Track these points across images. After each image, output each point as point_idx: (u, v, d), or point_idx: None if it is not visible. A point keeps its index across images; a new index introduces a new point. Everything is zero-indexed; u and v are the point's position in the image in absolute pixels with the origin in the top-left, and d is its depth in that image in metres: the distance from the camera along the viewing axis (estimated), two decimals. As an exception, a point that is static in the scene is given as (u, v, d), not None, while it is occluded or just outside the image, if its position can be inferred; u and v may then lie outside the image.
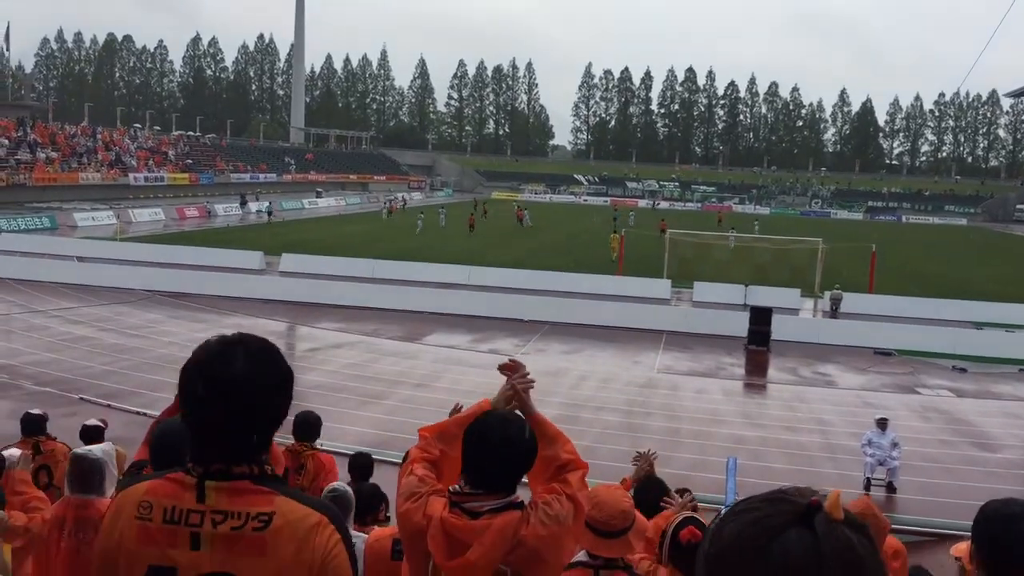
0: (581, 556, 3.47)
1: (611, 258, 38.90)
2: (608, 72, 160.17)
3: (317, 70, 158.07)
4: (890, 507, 12.08)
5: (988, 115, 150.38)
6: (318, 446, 7.59)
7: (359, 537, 4.70)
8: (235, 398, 1.94)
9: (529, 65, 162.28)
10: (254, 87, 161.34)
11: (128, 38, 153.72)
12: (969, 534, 2.73)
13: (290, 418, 3.54)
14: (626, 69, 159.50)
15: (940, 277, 40.48)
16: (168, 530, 1.94)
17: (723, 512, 1.21)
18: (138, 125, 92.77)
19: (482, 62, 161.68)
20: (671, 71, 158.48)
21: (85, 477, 4.73)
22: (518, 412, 2.96)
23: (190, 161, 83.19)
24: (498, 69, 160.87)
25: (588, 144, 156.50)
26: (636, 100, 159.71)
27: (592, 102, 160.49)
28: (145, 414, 13.07)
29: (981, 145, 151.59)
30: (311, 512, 2.00)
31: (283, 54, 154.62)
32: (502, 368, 3.07)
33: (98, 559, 2.04)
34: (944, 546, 9.28)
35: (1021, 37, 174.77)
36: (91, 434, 7.78)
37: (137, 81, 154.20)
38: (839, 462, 14.16)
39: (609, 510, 3.42)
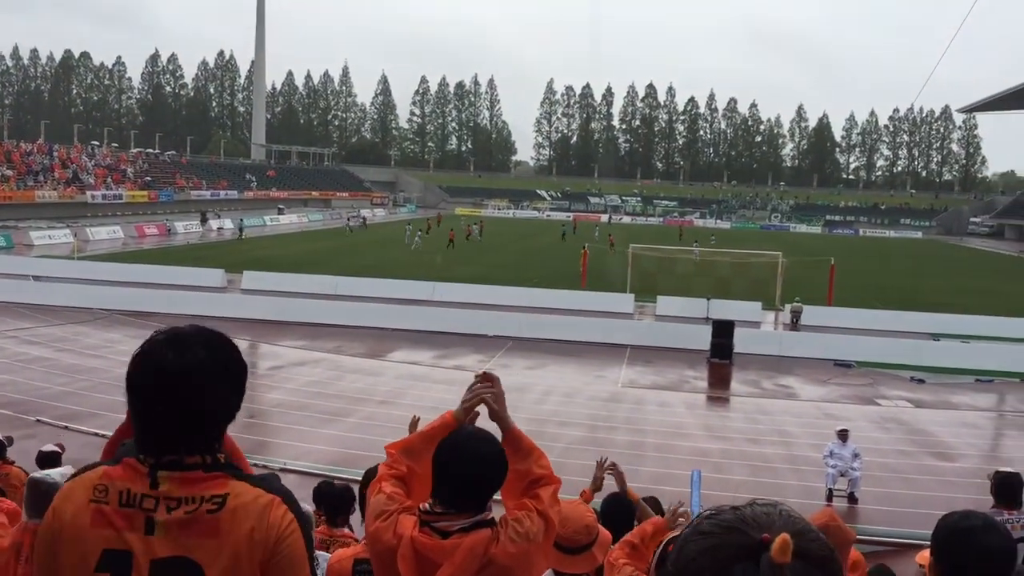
0: (547, 575, 3.45)
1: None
2: (570, 88, 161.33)
3: (278, 86, 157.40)
4: (851, 517, 12.21)
5: (941, 130, 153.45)
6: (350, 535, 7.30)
7: (323, 557, 4.66)
8: (185, 389, 1.91)
9: (491, 81, 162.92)
10: (214, 104, 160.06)
11: (85, 55, 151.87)
12: (929, 543, 2.78)
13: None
14: (587, 85, 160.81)
15: (897, 290, 41.14)
16: (124, 513, 1.91)
17: (692, 523, 1.21)
18: (96, 142, 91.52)
19: (444, 78, 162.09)
20: (632, 87, 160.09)
21: (43, 502, 4.63)
22: (494, 424, 2.95)
23: (149, 178, 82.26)
24: (460, 85, 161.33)
25: (551, 160, 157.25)
26: (598, 116, 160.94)
27: (554, 118, 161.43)
28: (104, 435, 12.85)
29: (935, 160, 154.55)
30: (263, 493, 1.98)
31: (244, 70, 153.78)
32: (477, 377, 3.05)
33: (43, 545, 1.96)
34: (904, 555, 9.39)
35: (973, 54, 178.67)
36: (48, 460, 7.65)
37: (95, 98, 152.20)
38: (801, 473, 14.30)
39: (573, 526, 3.40)
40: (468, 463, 2.65)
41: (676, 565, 1.15)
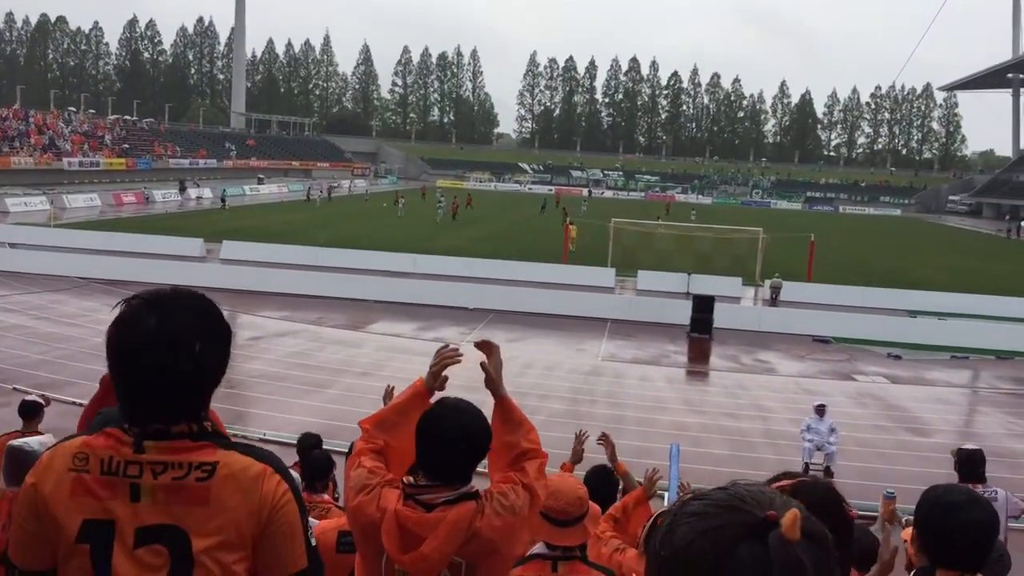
0: (538, 548, 3.46)
1: (572, 248, 38.45)
2: (553, 61, 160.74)
3: (258, 54, 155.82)
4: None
5: (922, 108, 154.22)
6: (329, 501, 7.30)
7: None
8: (168, 355, 1.85)
9: (474, 53, 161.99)
10: (193, 71, 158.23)
11: (62, 19, 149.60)
12: (908, 518, 2.80)
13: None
14: (571, 58, 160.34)
15: (876, 267, 41.45)
16: (106, 481, 1.86)
17: (676, 506, 1.18)
18: (72, 108, 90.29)
19: (427, 49, 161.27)
20: (615, 60, 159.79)
21: (21, 469, 4.60)
22: (473, 395, 2.94)
23: (127, 146, 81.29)
24: (443, 56, 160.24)
25: (533, 133, 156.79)
26: (581, 89, 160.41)
27: (537, 91, 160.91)
28: (81, 404, 12.76)
29: (915, 137, 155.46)
30: (254, 462, 1.94)
31: (223, 38, 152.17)
32: (478, 344, 3.03)
33: (22, 516, 1.91)
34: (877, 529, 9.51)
35: (954, 33, 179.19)
36: (30, 409, 7.60)
37: (71, 63, 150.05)
38: (779, 448, 14.43)
39: (565, 498, 3.41)
40: (452, 435, 2.63)
41: (669, 548, 1.10)
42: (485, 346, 2.98)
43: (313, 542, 2.02)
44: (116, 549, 1.85)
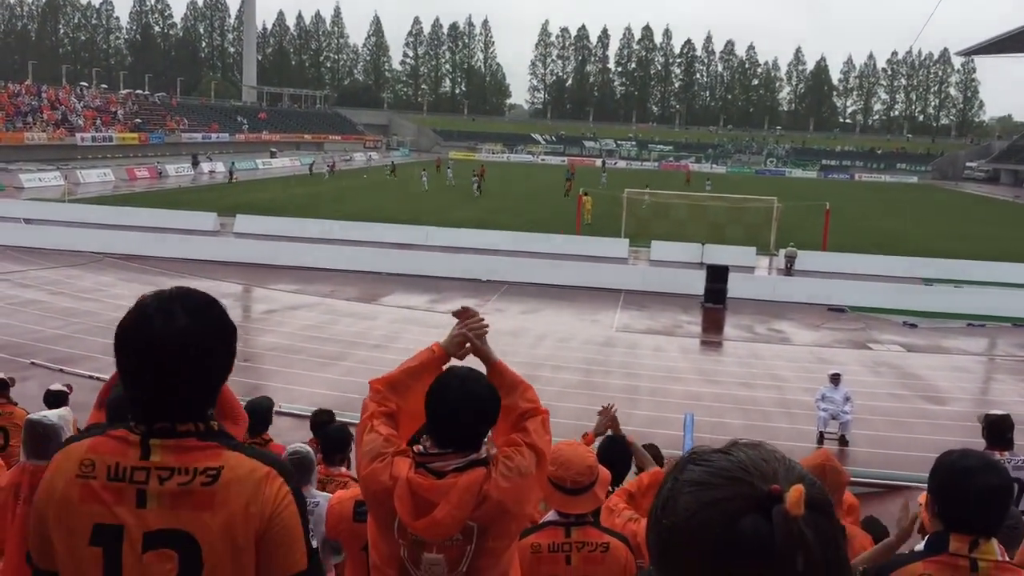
0: (551, 516, 3.50)
1: (587, 220, 38.33)
2: (565, 30, 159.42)
3: (269, 27, 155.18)
4: (842, 460, 12.32)
5: (939, 74, 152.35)
6: (270, 436, 7.46)
7: (324, 498, 4.70)
8: (174, 357, 1.88)
9: (485, 23, 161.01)
10: (204, 44, 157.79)
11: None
12: (921, 485, 2.80)
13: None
14: (583, 27, 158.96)
15: (892, 235, 41.15)
16: (113, 487, 1.89)
17: (676, 470, 1.16)
18: (84, 83, 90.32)
19: (437, 19, 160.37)
20: (628, 29, 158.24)
21: (40, 442, 4.66)
22: (480, 363, 2.95)
23: (139, 120, 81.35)
24: (454, 27, 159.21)
25: (545, 103, 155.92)
26: (593, 59, 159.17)
27: (549, 61, 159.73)
28: (98, 378, 12.88)
29: (932, 104, 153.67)
30: (259, 465, 1.96)
31: (233, 10, 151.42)
32: (455, 313, 3.04)
33: (36, 519, 1.96)
34: (894, 497, 9.52)
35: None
36: (55, 399, 7.69)
37: (82, 38, 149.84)
38: (793, 417, 14.43)
39: (576, 467, 3.45)
40: (461, 403, 2.66)
41: (671, 517, 1.09)
42: (462, 313, 2.99)
43: (314, 544, 2.06)
44: (125, 553, 1.88)
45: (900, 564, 2.71)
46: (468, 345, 2.95)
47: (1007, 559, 2.68)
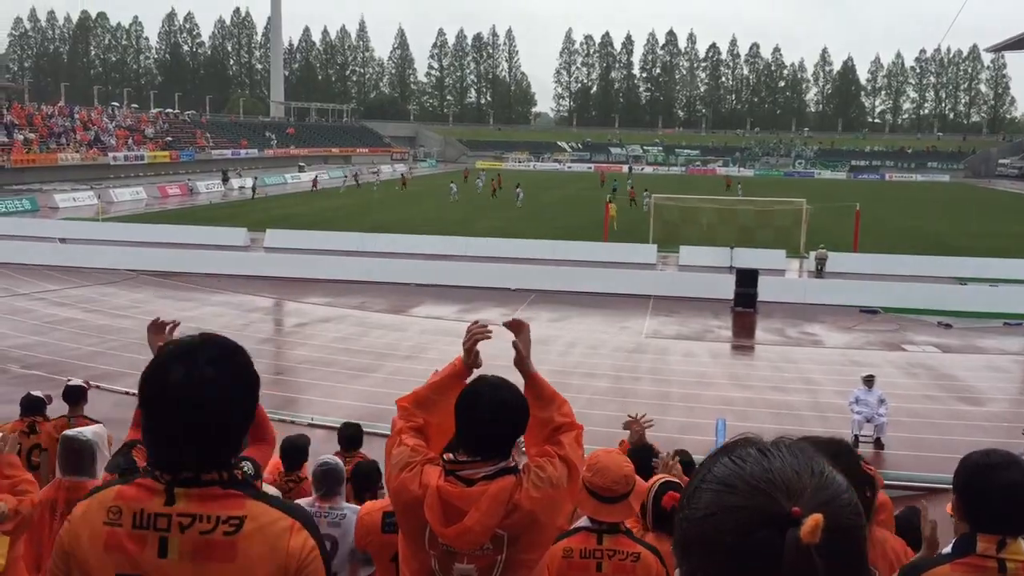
0: (583, 522, 3.51)
1: (613, 227, 38.33)
2: (589, 37, 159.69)
3: (295, 43, 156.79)
4: (878, 463, 12.20)
5: (969, 71, 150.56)
6: (305, 475, 7.48)
7: (352, 509, 4.73)
8: (195, 407, 1.86)
9: (509, 32, 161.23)
10: (232, 62, 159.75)
11: (102, 15, 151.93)
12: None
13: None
14: (607, 34, 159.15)
15: (924, 234, 40.68)
16: (137, 536, 1.88)
17: (710, 459, 1.14)
18: (116, 103, 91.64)
19: (462, 30, 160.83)
20: (652, 34, 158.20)
21: (76, 459, 4.72)
22: (516, 374, 2.96)
23: (170, 139, 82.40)
24: (478, 37, 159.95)
25: (570, 111, 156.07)
26: (618, 65, 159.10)
27: (574, 68, 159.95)
28: (134, 394, 13.01)
29: (963, 101, 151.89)
30: (283, 516, 1.94)
31: (260, 27, 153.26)
32: (507, 324, 3.06)
33: (59, 559, 1.95)
34: (931, 499, 9.38)
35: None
36: (74, 394, 7.74)
37: (113, 59, 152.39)
38: (827, 420, 14.28)
39: (612, 475, 3.45)
40: (490, 411, 2.68)
41: (690, 513, 1.09)
42: (515, 325, 3.01)
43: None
44: None
45: (927, 567, 2.69)
46: (514, 356, 2.97)
47: None
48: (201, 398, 1.87)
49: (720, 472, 1.09)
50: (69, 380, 8.16)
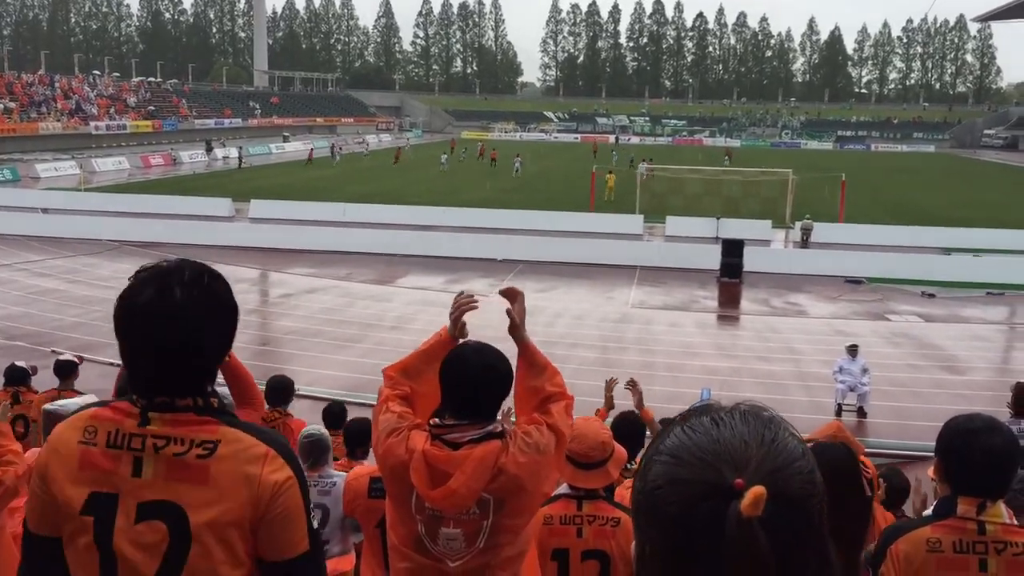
0: (563, 488, 3.54)
1: (610, 198, 38.57)
2: (575, 6, 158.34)
3: (279, 11, 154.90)
4: (861, 431, 12.34)
5: (956, 41, 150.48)
6: (290, 411, 7.52)
7: (341, 477, 4.74)
8: (166, 331, 1.84)
9: (495, 1, 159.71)
10: (215, 30, 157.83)
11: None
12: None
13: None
14: (593, 2, 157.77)
15: (909, 204, 40.84)
16: (111, 454, 1.88)
17: (668, 428, 1.12)
18: (97, 72, 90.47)
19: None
20: (639, 3, 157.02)
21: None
22: (508, 340, 2.97)
23: (152, 108, 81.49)
24: (464, 6, 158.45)
25: (557, 80, 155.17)
26: (604, 34, 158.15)
27: (560, 37, 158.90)
28: (118, 365, 12.98)
29: (949, 71, 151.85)
30: (258, 443, 1.91)
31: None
32: (503, 292, 3.06)
33: (37, 482, 1.94)
34: (913, 467, 9.51)
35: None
36: (64, 368, 7.74)
37: (94, 26, 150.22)
38: (811, 390, 14.40)
39: (589, 442, 3.48)
40: (475, 372, 2.71)
41: (642, 483, 1.08)
42: (510, 293, 3.04)
43: (315, 525, 2.02)
44: (118, 523, 1.86)
45: (908, 529, 2.72)
46: (508, 324, 2.98)
47: (1015, 522, 2.68)
48: (173, 318, 1.85)
49: (671, 443, 1.07)
50: (61, 355, 8.14)
